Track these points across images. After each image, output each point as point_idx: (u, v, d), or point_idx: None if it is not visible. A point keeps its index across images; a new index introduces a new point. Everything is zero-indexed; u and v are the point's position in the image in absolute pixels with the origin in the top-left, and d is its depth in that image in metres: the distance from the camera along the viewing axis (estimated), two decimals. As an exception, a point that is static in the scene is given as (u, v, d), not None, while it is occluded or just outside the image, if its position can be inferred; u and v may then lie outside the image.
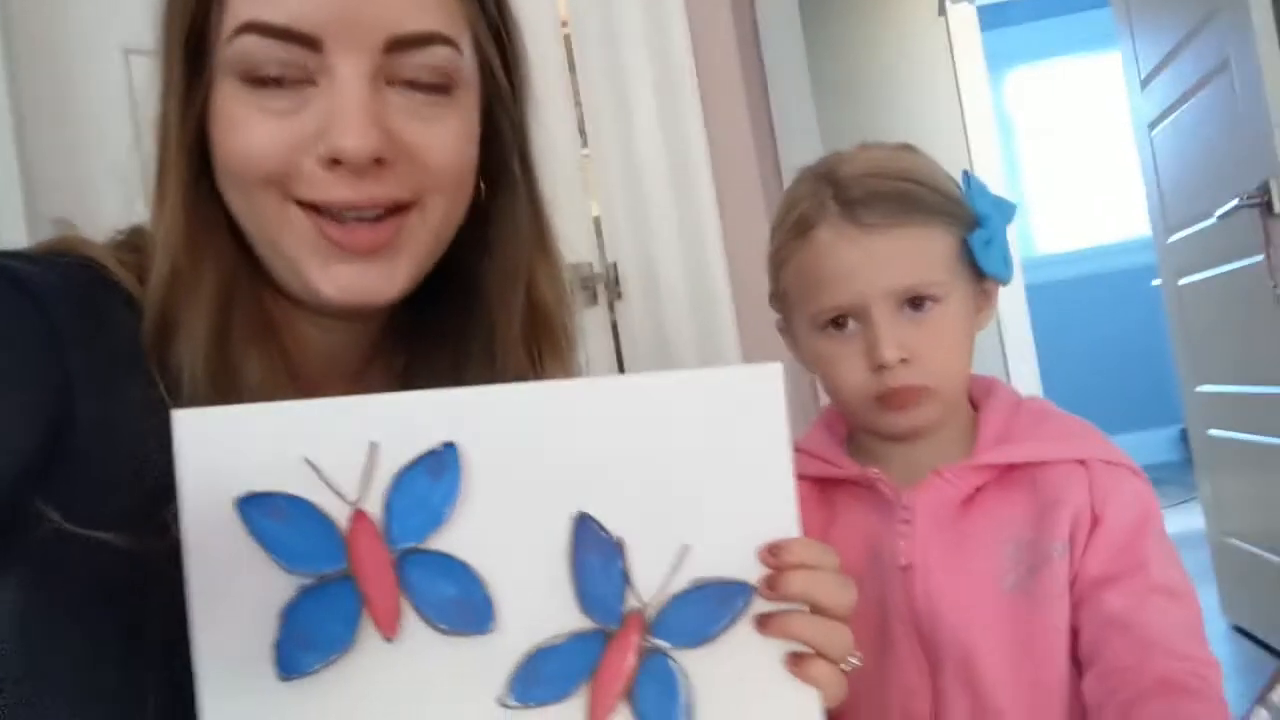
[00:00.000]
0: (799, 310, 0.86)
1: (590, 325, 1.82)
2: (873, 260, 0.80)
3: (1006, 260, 0.84)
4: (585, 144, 1.95)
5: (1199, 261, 2.65)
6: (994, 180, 3.66)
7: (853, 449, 0.90)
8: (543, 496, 0.56)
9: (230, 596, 0.52)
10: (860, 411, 0.85)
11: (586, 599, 0.56)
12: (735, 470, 0.58)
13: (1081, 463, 0.80)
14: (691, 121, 1.86)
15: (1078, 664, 0.78)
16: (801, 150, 1.89)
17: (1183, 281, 2.79)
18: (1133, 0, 2.79)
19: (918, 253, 0.81)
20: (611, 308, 1.87)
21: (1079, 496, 0.79)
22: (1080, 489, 0.79)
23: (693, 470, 0.57)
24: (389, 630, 0.54)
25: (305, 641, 0.53)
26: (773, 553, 0.57)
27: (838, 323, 0.82)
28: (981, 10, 3.89)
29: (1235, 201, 2.21)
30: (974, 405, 0.88)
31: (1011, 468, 0.82)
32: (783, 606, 0.57)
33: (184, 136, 0.63)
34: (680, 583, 0.57)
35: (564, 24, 1.94)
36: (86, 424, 0.58)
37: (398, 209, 0.64)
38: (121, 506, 0.57)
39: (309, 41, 0.60)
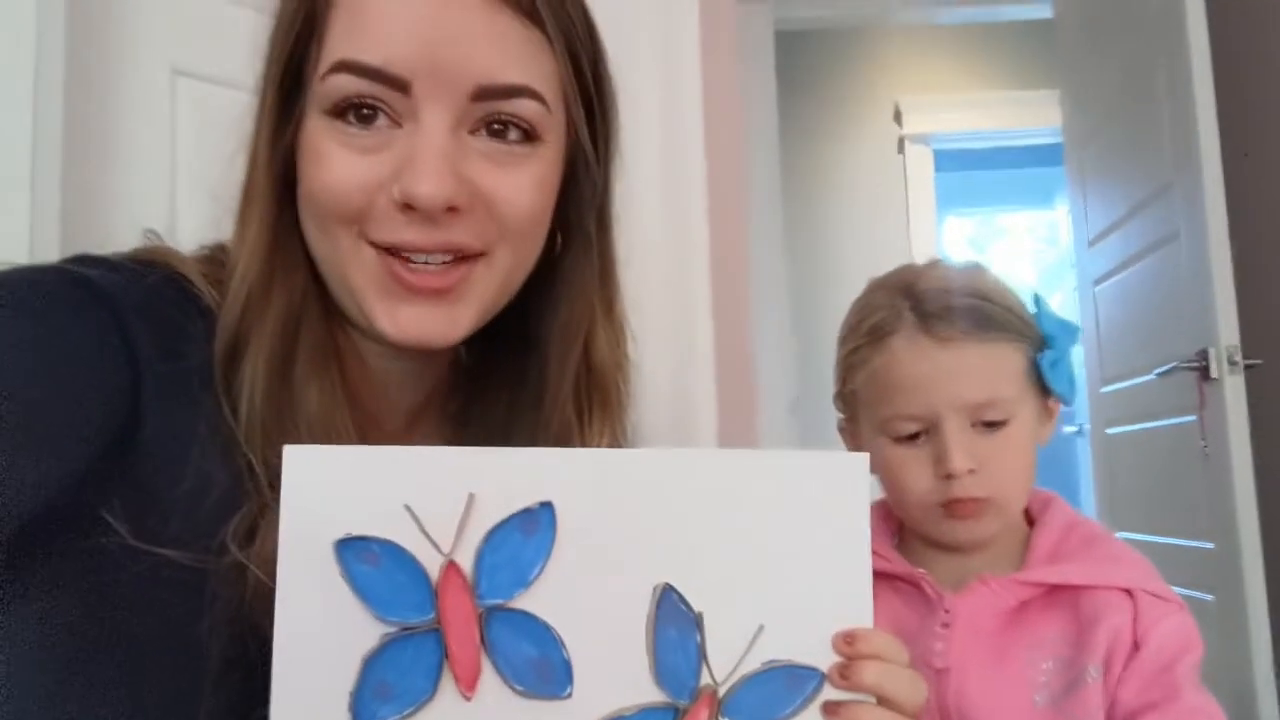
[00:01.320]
0: (867, 414, 0.89)
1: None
2: (946, 373, 0.84)
3: (1071, 381, 0.88)
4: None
5: (1129, 414, 2.77)
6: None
7: (902, 548, 0.92)
8: (630, 564, 0.56)
9: (315, 639, 0.51)
10: (922, 518, 0.87)
11: (662, 672, 0.56)
12: (814, 554, 0.59)
13: (1128, 592, 0.82)
14: (696, 220, 1.90)
15: None
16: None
17: (1111, 431, 2.91)
18: (1087, 164, 2.97)
19: (990, 369, 0.84)
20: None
21: (1121, 623, 0.80)
22: (1122, 616, 0.80)
23: (773, 550, 0.58)
24: (469, 688, 0.53)
25: (383, 692, 0.51)
26: (848, 641, 0.57)
27: (909, 434, 0.85)
28: (938, 154, 4.12)
29: (1174, 363, 2.32)
30: (1029, 519, 0.90)
31: (1057, 587, 0.84)
32: (852, 696, 0.58)
33: (272, 166, 0.65)
34: (753, 663, 0.57)
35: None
36: (154, 438, 0.57)
37: (465, 257, 0.65)
38: (183, 524, 0.56)
39: (399, 84, 0.61)
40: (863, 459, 0.60)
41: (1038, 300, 0.90)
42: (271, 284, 0.64)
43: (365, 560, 0.52)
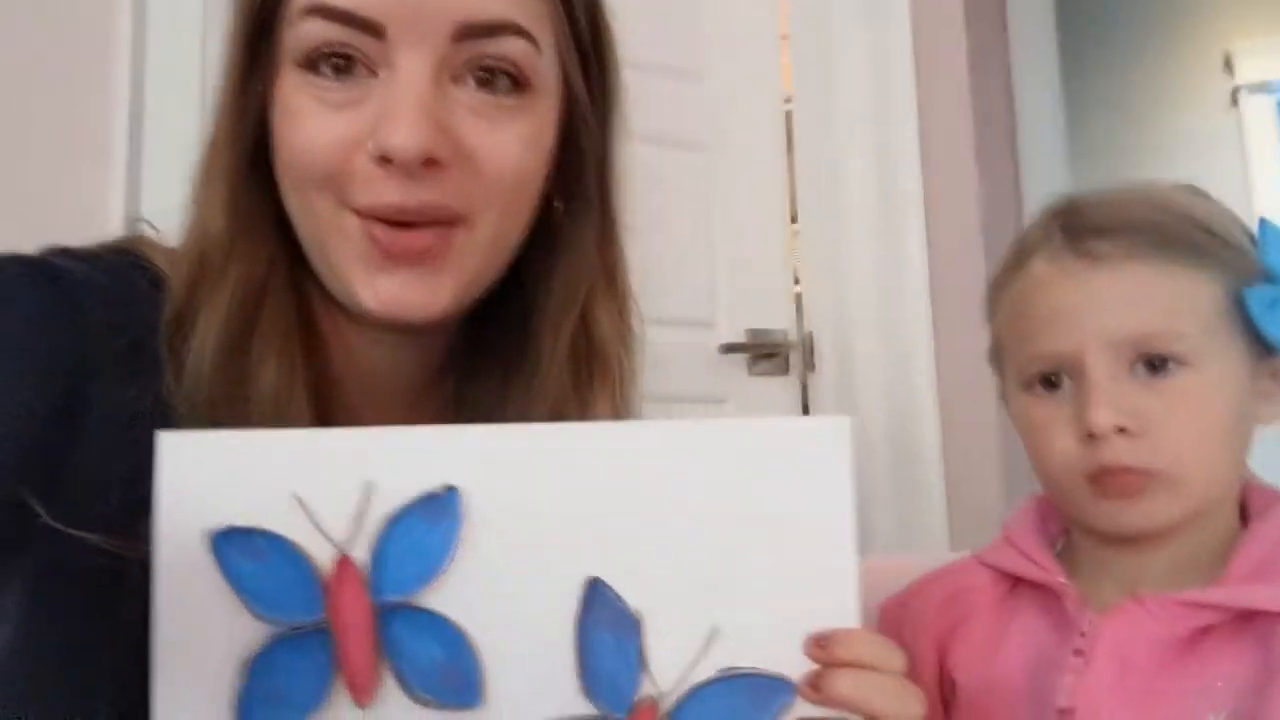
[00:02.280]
0: (1009, 363, 0.72)
1: (779, 394, 1.73)
2: (1097, 299, 0.65)
3: None
4: (795, 220, 1.89)
5: None
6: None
7: (1068, 556, 0.72)
8: (552, 555, 0.48)
9: (195, 641, 0.47)
10: (1070, 496, 0.68)
11: (592, 680, 0.48)
12: (787, 540, 0.49)
13: None
14: (911, 210, 1.74)
15: None
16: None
17: None
18: None
19: (1158, 296, 0.65)
20: (804, 381, 1.77)
21: None
22: None
23: (735, 536, 0.49)
24: (362, 695, 0.47)
25: (271, 699, 0.47)
26: (821, 644, 0.47)
27: (1049, 381, 0.67)
28: None
29: None
30: (1246, 522, 0.68)
31: (1252, 615, 0.62)
32: (827, 713, 0.47)
33: (236, 124, 0.61)
34: (706, 671, 0.48)
35: (788, 100, 1.89)
36: (97, 419, 0.56)
37: (445, 221, 0.59)
38: (111, 509, 0.53)
39: (372, 28, 0.57)
40: (844, 422, 0.49)
41: (1265, 226, 0.68)
42: (232, 249, 0.60)
43: (247, 555, 0.47)
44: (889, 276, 1.72)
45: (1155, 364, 0.64)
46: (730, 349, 1.73)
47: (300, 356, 0.61)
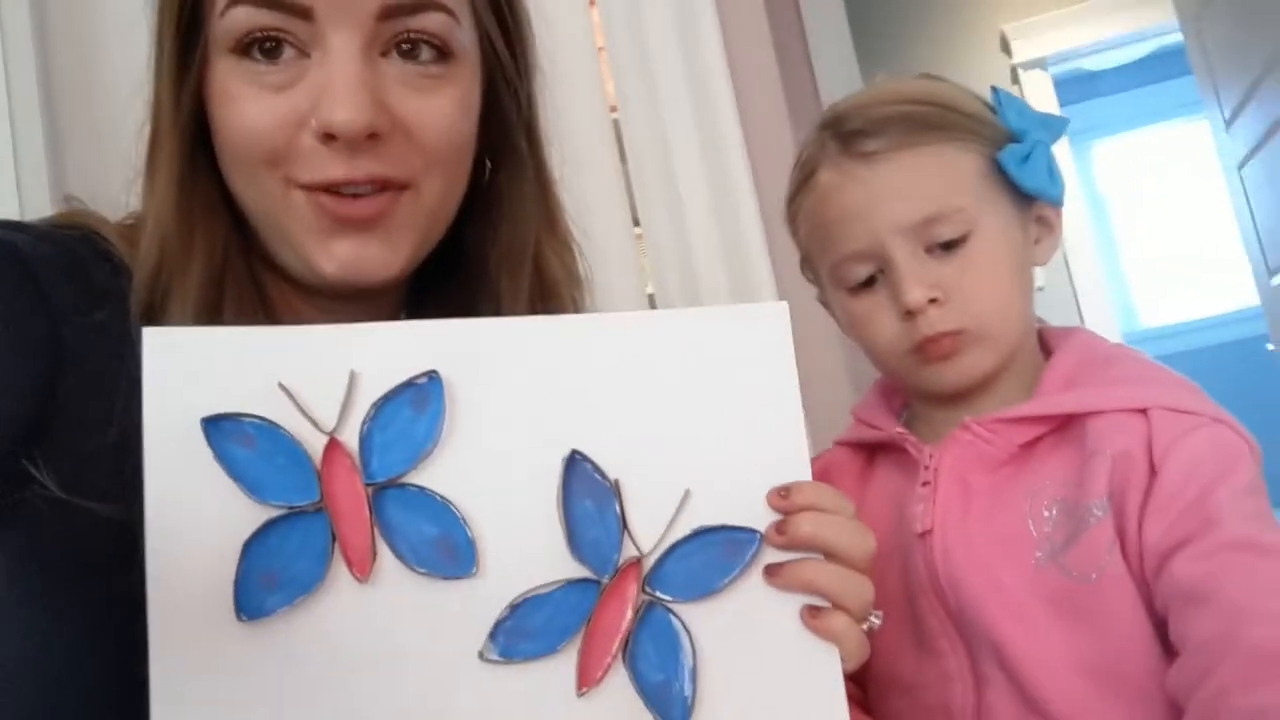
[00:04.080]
0: (821, 268, 0.79)
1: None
2: (880, 195, 0.72)
3: (1053, 176, 0.74)
4: (637, 224, 1.95)
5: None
6: (1088, 255, 3.57)
7: (913, 422, 0.80)
8: (533, 434, 0.52)
9: (190, 529, 0.48)
10: (901, 370, 0.76)
11: (579, 545, 0.51)
12: (741, 412, 0.54)
13: (1142, 412, 0.67)
14: (743, 196, 1.83)
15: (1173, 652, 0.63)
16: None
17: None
18: (1206, 34, 2.70)
19: (931, 178, 0.72)
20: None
21: (1129, 445, 0.66)
22: (1129, 437, 0.66)
23: (696, 411, 0.54)
24: (361, 569, 0.49)
25: (269, 580, 0.48)
26: (782, 495, 0.52)
27: (864, 279, 0.74)
28: (1062, 84, 3.82)
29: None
30: (1048, 354, 0.77)
31: (1069, 422, 0.70)
32: (794, 556, 0.52)
33: (177, 115, 0.62)
34: (682, 530, 0.52)
35: (613, 109, 1.95)
36: (77, 394, 0.55)
37: (392, 187, 0.62)
38: (108, 477, 0.53)
39: (300, 11, 0.59)
40: (783, 306, 0.55)
41: (998, 94, 0.77)
42: (192, 236, 0.61)
43: (239, 442, 0.49)
44: (732, 263, 1.81)
45: (945, 240, 0.72)
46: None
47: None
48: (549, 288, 0.70)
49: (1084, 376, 0.72)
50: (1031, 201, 0.75)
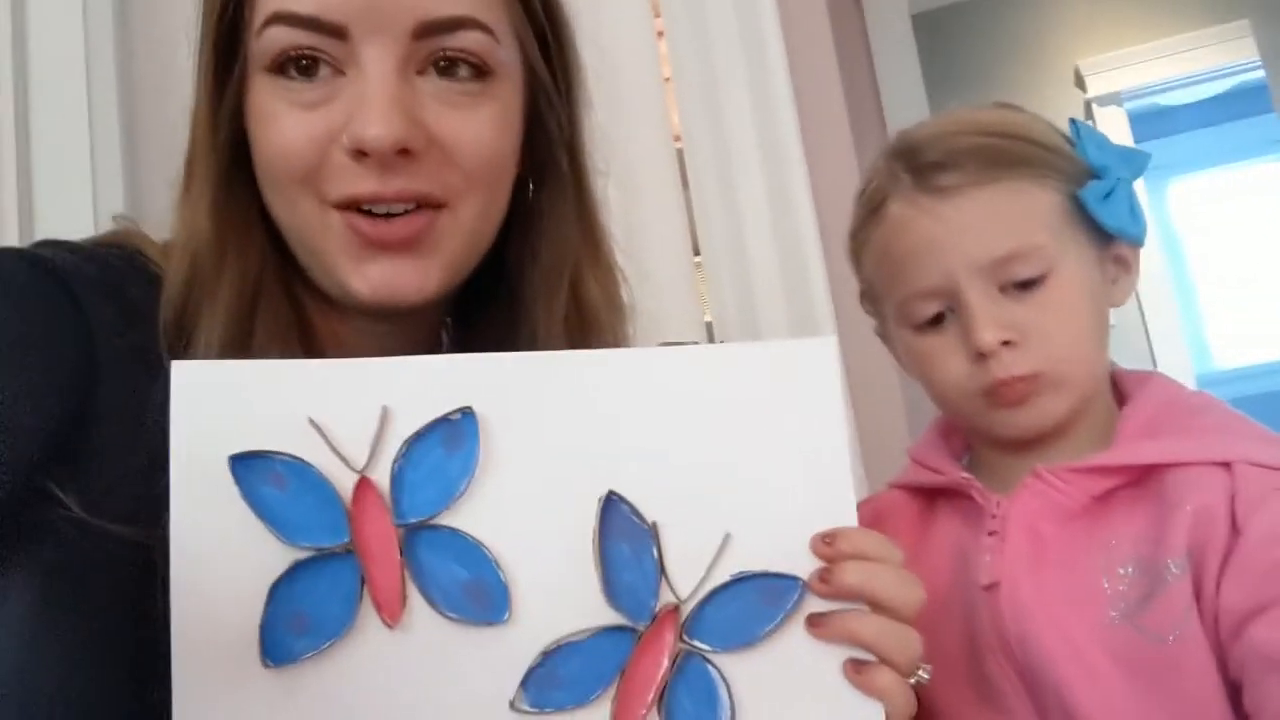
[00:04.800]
0: (887, 305, 0.75)
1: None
2: (955, 230, 0.69)
3: (1135, 214, 0.70)
4: (697, 252, 1.95)
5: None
6: (1162, 294, 3.48)
7: (975, 467, 0.76)
8: (569, 474, 0.50)
9: (215, 568, 0.47)
10: (969, 414, 0.72)
11: (614, 591, 0.49)
12: (785, 452, 0.52)
13: (1225, 465, 0.63)
14: (805, 228, 1.82)
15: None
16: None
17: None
18: None
19: (1009, 214, 0.69)
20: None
21: (1211, 502, 0.62)
22: (1211, 492, 0.62)
23: (738, 451, 0.52)
24: (391, 615, 0.48)
25: (296, 624, 0.47)
26: (827, 541, 0.50)
27: (932, 317, 0.71)
28: (1137, 120, 3.74)
29: None
30: (1123, 401, 0.73)
31: (1148, 473, 0.66)
32: (838, 606, 0.50)
33: (214, 132, 0.62)
34: (721, 576, 0.50)
35: (677, 139, 1.96)
36: (108, 415, 0.55)
37: (427, 206, 0.61)
38: (135, 501, 0.53)
39: (336, 31, 0.58)
40: (830, 341, 0.53)
41: (1077, 127, 0.73)
42: (224, 252, 0.61)
43: (268, 481, 0.48)
44: (793, 296, 1.79)
45: (1021, 280, 0.69)
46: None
47: (298, 352, 0.62)
48: (588, 314, 0.69)
49: (1163, 426, 0.69)
50: (1110, 240, 0.72)
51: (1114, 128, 3.64)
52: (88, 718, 0.53)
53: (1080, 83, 3.68)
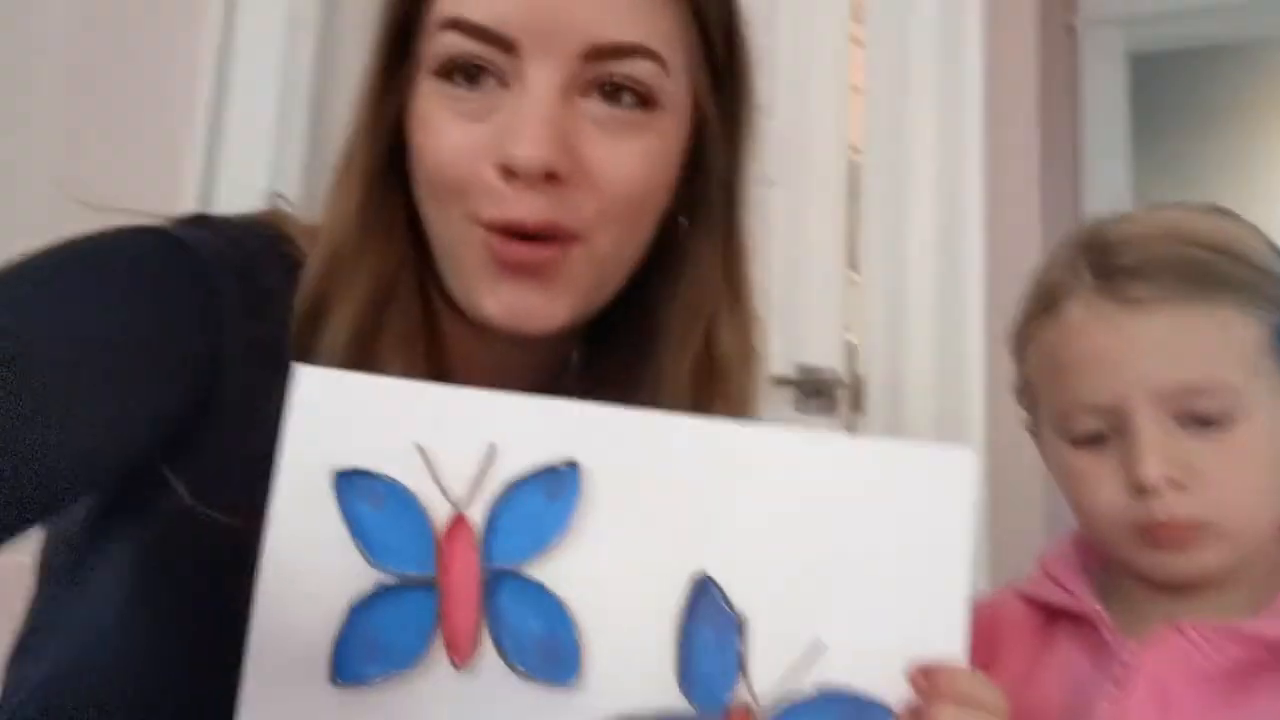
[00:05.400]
0: (1045, 408, 0.70)
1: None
2: (1137, 347, 0.63)
3: None
4: (854, 268, 1.89)
5: None
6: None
7: (1107, 594, 0.69)
8: (665, 545, 0.48)
9: (302, 576, 0.47)
10: (1115, 545, 0.66)
11: (689, 677, 0.47)
12: (899, 565, 0.48)
13: None
14: (971, 269, 1.75)
15: None
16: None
17: None
18: None
19: (1204, 341, 0.62)
20: (850, 423, 1.76)
21: None
22: None
23: (847, 554, 0.48)
24: (461, 656, 0.47)
25: (369, 647, 0.47)
26: (926, 675, 0.46)
27: (1093, 433, 0.65)
28: None
29: None
30: None
31: None
32: (926, 745, 0.46)
33: (374, 130, 0.62)
34: (805, 684, 0.47)
35: (855, 150, 1.90)
36: (228, 405, 0.56)
37: (560, 235, 0.59)
38: (240, 492, 0.54)
39: (506, 44, 0.58)
40: (970, 454, 0.49)
41: None
42: (364, 249, 0.61)
43: (367, 499, 0.48)
44: (946, 329, 1.72)
45: (1202, 416, 0.62)
46: (780, 382, 1.72)
47: (422, 360, 0.62)
48: (718, 363, 0.66)
49: None
50: None
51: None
52: (166, 689, 0.55)
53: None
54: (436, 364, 0.63)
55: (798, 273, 1.79)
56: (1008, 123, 1.79)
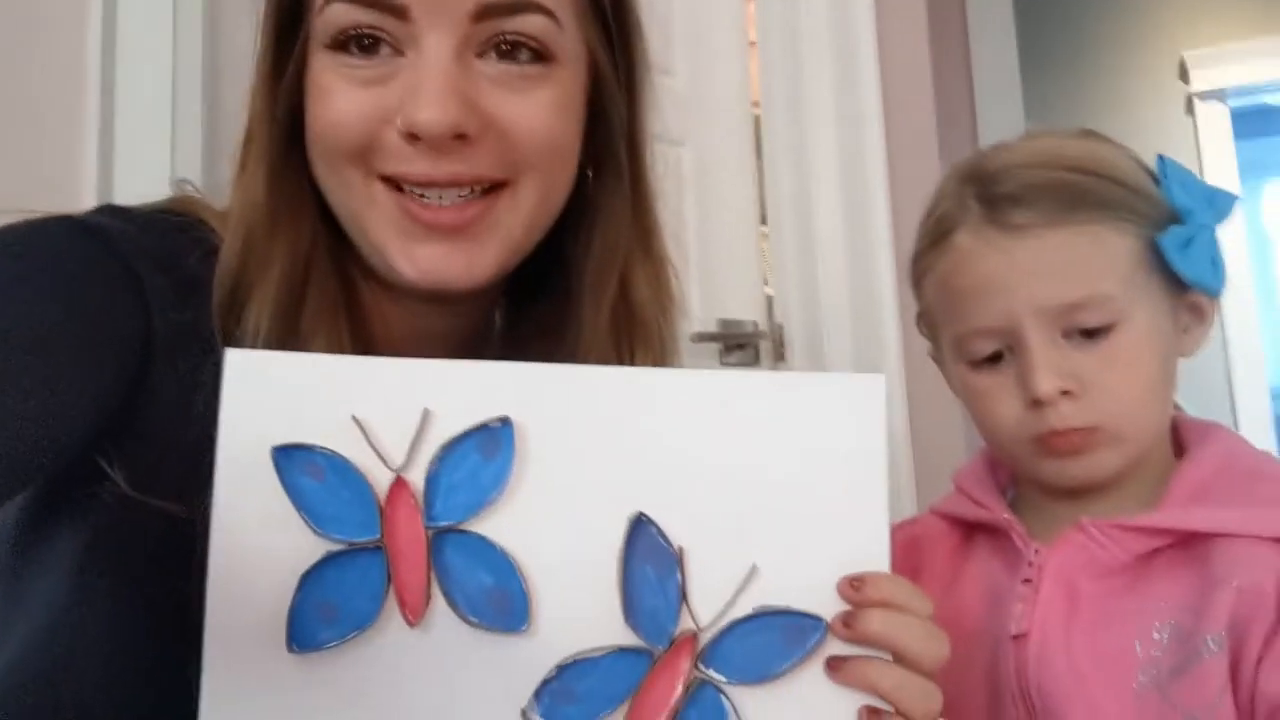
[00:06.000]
0: (944, 334, 0.74)
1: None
2: (1023, 270, 0.66)
3: (1215, 265, 0.68)
4: (764, 221, 1.93)
5: None
6: (1244, 300, 3.34)
7: (1018, 504, 0.75)
8: (600, 490, 0.50)
9: (251, 552, 0.48)
10: (1018, 457, 0.70)
11: (635, 612, 0.50)
12: (822, 489, 0.51)
13: (1279, 541, 0.62)
14: (877, 208, 1.79)
15: None
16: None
17: None
18: None
19: (1082, 259, 0.66)
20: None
21: (1260, 581, 0.60)
22: (1262, 570, 0.61)
23: (772, 482, 0.51)
24: (413, 613, 0.49)
25: (324, 613, 0.48)
26: (854, 586, 0.50)
27: (989, 355, 0.69)
28: (1239, 118, 3.58)
29: None
30: (1181, 453, 0.71)
31: (1195, 538, 0.64)
32: (860, 651, 0.50)
33: (272, 107, 0.63)
34: (744, 608, 0.50)
35: (755, 104, 1.92)
36: (160, 392, 0.57)
37: (489, 189, 0.61)
38: (179, 478, 0.54)
39: (396, 10, 0.58)
40: (879, 380, 0.52)
41: (1164, 165, 0.70)
42: (276, 229, 0.62)
43: (307, 472, 0.49)
44: (857, 273, 1.76)
45: (1087, 328, 0.66)
46: (702, 338, 1.76)
47: (347, 331, 0.62)
48: (635, 312, 0.68)
49: (1219, 490, 0.66)
50: (1186, 288, 0.69)
51: (1215, 125, 3.49)
52: (120, 677, 0.55)
53: (1184, 75, 3.52)
54: (362, 336, 0.64)
55: (712, 230, 1.82)
56: (901, 67, 1.84)
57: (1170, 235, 0.67)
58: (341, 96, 0.60)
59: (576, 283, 0.68)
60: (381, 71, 0.59)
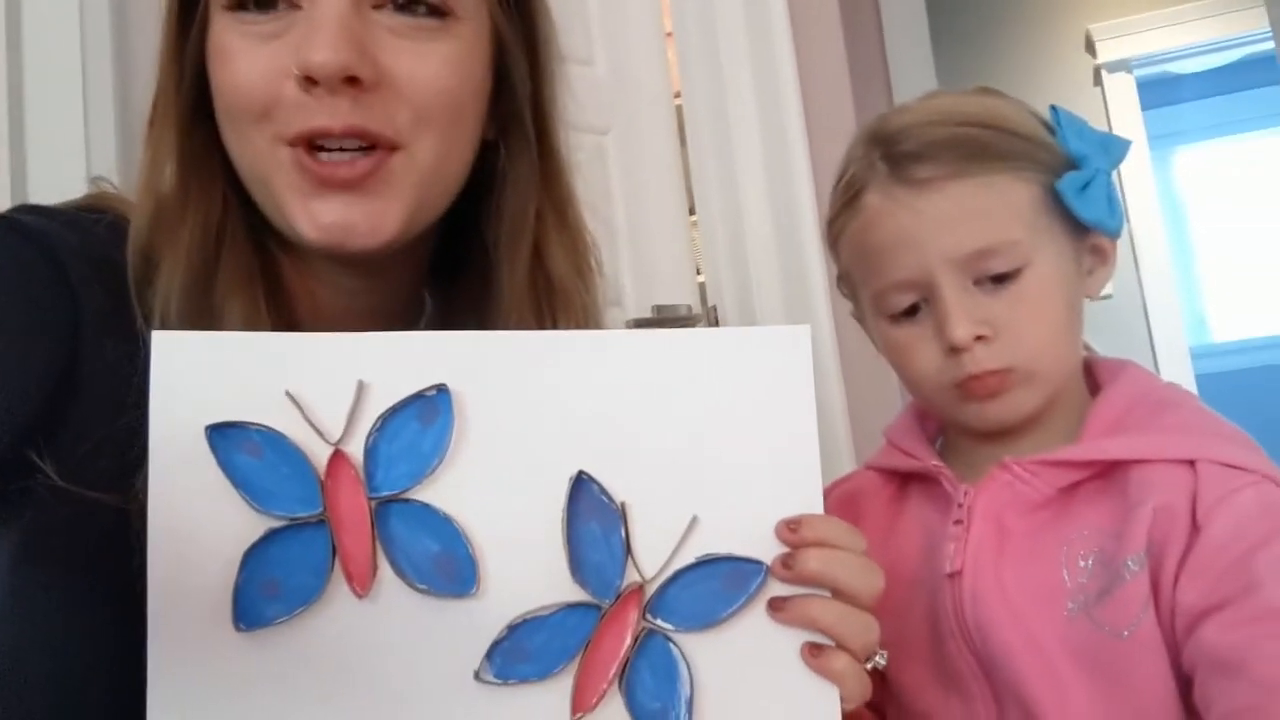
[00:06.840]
0: (862, 292, 0.76)
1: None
2: (931, 223, 0.68)
3: (1113, 206, 0.70)
4: (693, 211, 1.95)
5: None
6: (1161, 263, 3.45)
7: (947, 452, 0.77)
8: (540, 452, 0.51)
9: (191, 534, 0.48)
10: (941, 404, 0.73)
11: (581, 568, 0.51)
12: (755, 438, 0.53)
13: (1189, 463, 0.64)
14: (801, 188, 1.82)
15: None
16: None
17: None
18: None
19: (985, 209, 0.68)
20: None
21: (1173, 501, 0.63)
22: (1174, 491, 0.63)
23: (707, 436, 0.52)
24: (361, 584, 0.49)
25: (269, 590, 0.48)
26: (791, 528, 0.51)
27: (906, 308, 0.71)
28: (1145, 87, 3.70)
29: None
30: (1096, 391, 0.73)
31: (1113, 468, 0.67)
32: (801, 590, 0.51)
33: (177, 75, 0.62)
34: (687, 557, 0.51)
35: (677, 95, 1.94)
36: (89, 382, 0.56)
37: (382, 147, 0.60)
38: (113, 466, 0.53)
39: None
40: (804, 330, 0.53)
41: (1058, 114, 0.72)
42: (186, 198, 0.61)
43: (244, 450, 0.49)
44: (785, 250, 1.79)
45: (995, 274, 0.69)
46: (639, 324, 1.77)
47: (264, 299, 0.61)
48: (553, 281, 0.68)
49: (1132, 421, 0.69)
50: (1087, 231, 0.72)
51: (1123, 95, 3.60)
52: (67, 672, 0.55)
53: (1091, 48, 3.64)
54: (285, 314, 0.64)
55: (642, 219, 1.83)
56: (817, 53, 1.87)
57: (1068, 180, 0.69)
58: (242, 57, 0.59)
59: (493, 253, 0.68)
60: (279, 25, 0.59)
